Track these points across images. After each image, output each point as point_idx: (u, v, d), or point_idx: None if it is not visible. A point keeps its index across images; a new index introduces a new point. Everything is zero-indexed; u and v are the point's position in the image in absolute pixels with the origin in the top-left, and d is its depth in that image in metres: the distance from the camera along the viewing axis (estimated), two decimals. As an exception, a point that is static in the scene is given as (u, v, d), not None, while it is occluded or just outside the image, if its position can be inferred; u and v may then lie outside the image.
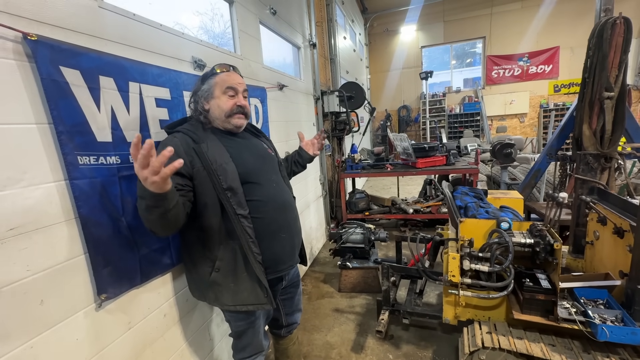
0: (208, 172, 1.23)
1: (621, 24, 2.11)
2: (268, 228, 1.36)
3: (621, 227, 1.66)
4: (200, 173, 1.23)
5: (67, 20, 1.12)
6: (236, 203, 1.26)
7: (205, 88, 1.33)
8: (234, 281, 1.33)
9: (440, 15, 10.77)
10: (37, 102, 1.01)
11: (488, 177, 5.32)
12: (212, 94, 1.33)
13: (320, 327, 2.60)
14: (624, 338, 1.38)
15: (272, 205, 1.38)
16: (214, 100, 1.33)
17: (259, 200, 1.34)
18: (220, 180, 1.23)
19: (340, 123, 4.78)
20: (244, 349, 1.55)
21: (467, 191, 2.44)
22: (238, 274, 1.33)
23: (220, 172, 1.24)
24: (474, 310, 1.85)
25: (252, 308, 1.36)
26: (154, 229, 1.14)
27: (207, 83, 1.34)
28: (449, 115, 11.12)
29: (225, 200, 1.25)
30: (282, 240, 1.43)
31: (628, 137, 2.80)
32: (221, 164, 1.25)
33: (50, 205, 1.04)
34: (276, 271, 1.44)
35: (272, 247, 1.39)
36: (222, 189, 1.24)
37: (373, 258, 3.11)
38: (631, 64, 8.87)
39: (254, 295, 1.35)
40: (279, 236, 1.41)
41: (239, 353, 1.56)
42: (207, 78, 1.35)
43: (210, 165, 1.23)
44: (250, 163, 1.37)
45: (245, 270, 1.33)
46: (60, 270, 1.08)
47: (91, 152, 1.14)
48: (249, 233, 1.29)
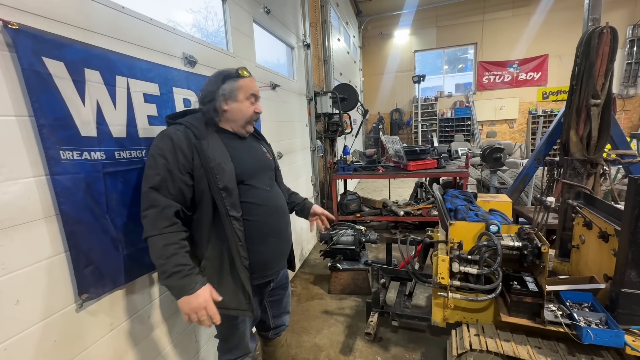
0: (205, 170, 1.22)
1: (608, 33, 2.16)
2: (259, 231, 1.35)
3: (606, 231, 1.69)
4: (198, 170, 1.22)
5: (52, 10, 1.08)
6: (230, 204, 1.25)
7: (228, 89, 1.28)
8: (217, 283, 1.29)
9: (434, 21, 10.91)
10: (17, 93, 0.97)
11: (478, 180, 5.39)
12: (236, 97, 1.30)
13: (309, 329, 2.58)
14: (607, 341, 1.40)
15: (265, 209, 1.37)
16: (236, 103, 1.30)
17: (252, 202, 1.33)
18: (216, 180, 1.22)
19: (333, 124, 4.78)
20: (230, 351, 1.52)
21: (457, 194, 2.46)
22: (223, 277, 1.30)
23: (218, 170, 1.22)
24: (462, 313, 1.86)
25: (233, 313, 1.34)
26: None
27: (228, 84, 1.29)
28: (440, 119, 11.25)
29: (220, 201, 1.23)
30: (272, 245, 1.41)
31: (613, 144, 2.87)
32: (219, 163, 1.23)
33: (28, 201, 1.00)
34: (263, 276, 1.42)
35: (261, 251, 1.37)
36: (218, 188, 1.22)
37: (363, 260, 3.10)
38: (616, 73, 9.12)
39: (235, 301, 1.32)
40: (269, 240, 1.39)
41: (225, 355, 1.54)
42: (229, 79, 1.30)
43: (209, 163, 1.21)
44: (248, 165, 1.35)
45: (230, 273, 1.31)
46: (39, 269, 1.04)
47: (74, 147, 1.10)
48: (238, 236, 1.27)
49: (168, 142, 1.19)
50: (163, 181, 1.16)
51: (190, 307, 1.15)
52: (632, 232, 1.44)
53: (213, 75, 1.33)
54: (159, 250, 1.13)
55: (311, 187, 4.32)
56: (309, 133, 4.26)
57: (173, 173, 1.17)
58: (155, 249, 1.14)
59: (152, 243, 1.14)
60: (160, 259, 1.13)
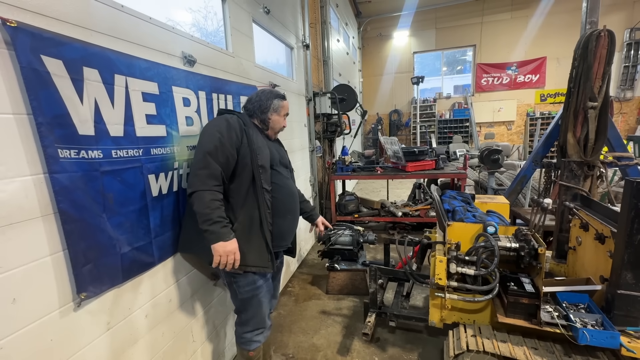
0: (250, 150, 1.55)
1: (605, 36, 2.18)
2: (281, 207, 1.68)
3: (602, 233, 1.70)
4: (244, 148, 1.55)
5: (51, 8, 1.08)
6: (264, 179, 1.58)
7: (277, 105, 1.71)
8: (245, 243, 1.54)
9: (433, 22, 10.94)
10: (15, 91, 0.97)
11: (476, 182, 5.41)
12: (279, 112, 1.73)
13: (306, 329, 2.58)
14: (603, 342, 1.41)
15: (286, 190, 1.72)
16: (278, 117, 1.73)
17: (277, 184, 1.67)
18: (257, 158, 1.55)
19: (332, 125, 4.78)
20: (247, 322, 1.69)
21: (455, 195, 2.47)
22: (251, 237, 1.57)
23: (259, 152, 1.57)
24: (459, 314, 1.86)
25: (256, 270, 1.59)
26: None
27: (277, 101, 1.71)
28: (439, 120, 11.28)
29: (257, 175, 1.55)
30: (288, 221, 1.75)
31: (610, 146, 2.89)
32: (260, 147, 1.59)
33: (26, 200, 1.00)
34: (278, 245, 1.71)
35: (280, 224, 1.69)
36: (257, 165, 1.55)
37: (361, 260, 3.10)
38: (614, 76, 9.18)
39: (259, 258, 1.58)
40: (287, 217, 1.73)
41: (243, 327, 1.71)
42: (278, 97, 1.73)
43: (253, 145, 1.56)
44: (276, 156, 1.71)
45: (257, 234, 1.58)
46: (36, 268, 1.03)
47: (72, 146, 1.09)
48: (268, 205, 1.60)
49: (224, 122, 1.54)
50: (216, 149, 1.46)
51: (225, 250, 1.44)
52: (628, 234, 1.45)
53: (267, 91, 1.75)
54: (207, 202, 1.41)
55: (309, 187, 4.32)
56: (308, 133, 4.26)
57: (225, 145, 1.48)
58: (202, 201, 1.40)
59: (200, 195, 1.41)
60: (207, 209, 1.40)
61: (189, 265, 1.80)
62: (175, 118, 1.63)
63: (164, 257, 1.59)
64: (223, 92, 2.08)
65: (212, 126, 1.53)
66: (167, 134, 1.56)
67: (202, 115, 1.85)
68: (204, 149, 1.45)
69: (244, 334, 1.71)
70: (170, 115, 1.59)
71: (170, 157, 1.59)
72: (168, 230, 1.60)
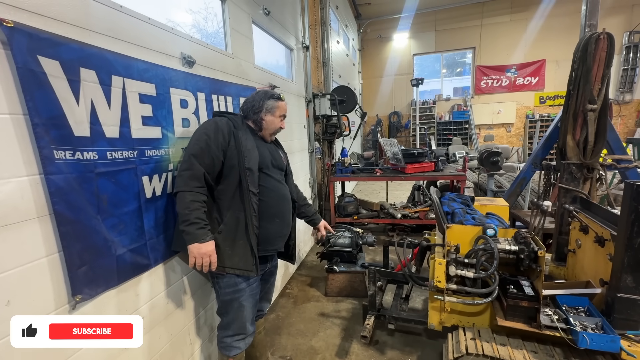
0: (238, 152, 1.54)
1: (604, 39, 2.18)
2: (268, 211, 1.65)
3: (602, 236, 1.70)
4: (232, 150, 1.55)
5: (48, 8, 1.07)
6: (251, 182, 1.56)
7: (271, 105, 1.68)
8: (230, 246, 1.54)
9: (432, 25, 10.96)
10: (11, 91, 0.96)
11: (475, 184, 5.41)
12: (274, 113, 1.70)
13: (305, 331, 2.57)
14: (603, 345, 1.40)
15: (274, 194, 1.68)
16: (272, 117, 1.70)
17: (266, 187, 1.64)
18: (245, 160, 1.54)
19: (331, 126, 4.77)
20: (228, 326, 1.65)
21: (455, 197, 2.46)
22: (236, 240, 1.56)
23: (247, 154, 1.56)
24: (458, 316, 1.85)
25: (239, 272, 1.57)
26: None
27: (272, 102, 1.69)
28: (438, 122, 11.29)
29: (244, 177, 1.54)
30: (276, 225, 1.70)
31: (609, 149, 2.88)
32: (248, 149, 1.58)
33: (22, 201, 0.99)
34: (265, 250, 1.68)
35: (267, 228, 1.65)
36: (244, 167, 1.54)
37: (360, 262, 3.09)
38: (613, 79, 9.21)
39: (244, 262, 1.56)
40: (275, 220, 1.69)
41: (223, 330, 1.68)
42: (273, 98, 1.70)
43: (240, 147, 1.55)
44: (267, 159, 1.68)
45: (242, 238, 1.56)
46: (31, 270, 1.02)
47: (67, 147, 1.09)
48: (254, 208, 1.57)
49: (213, 125, 1.55)
50: (202, 151, 1.47)
51: (200, 252, 1.42)
52: (628, 237, 1.44)
53: (262, 92, 1.72)
54: (187, 203, 1.41)
55: (309, 189, 4.31)
56: (307, 135, 4.26)
57: (210, 147, 1.49)
58: (183, 201, 1.42)
59: (182, 196, 1.42)
60: (186, 209, 1.41)
61: (187, 267, 1.78)
62: (171, 120, 1.62)
63: (159, 259, 1.57)
64: (222, 93, 2.07)
65: (201, 128, 1.55)
66: (162, 135, 1.55)
67: (200, 117, 1.84)
68: (189, 150, 1.48)
69: (224, 337, 1.66)
70: (167, 116, 1.59)
71: (165, 158, 1.58)
72: (162, 232, 1.58)
